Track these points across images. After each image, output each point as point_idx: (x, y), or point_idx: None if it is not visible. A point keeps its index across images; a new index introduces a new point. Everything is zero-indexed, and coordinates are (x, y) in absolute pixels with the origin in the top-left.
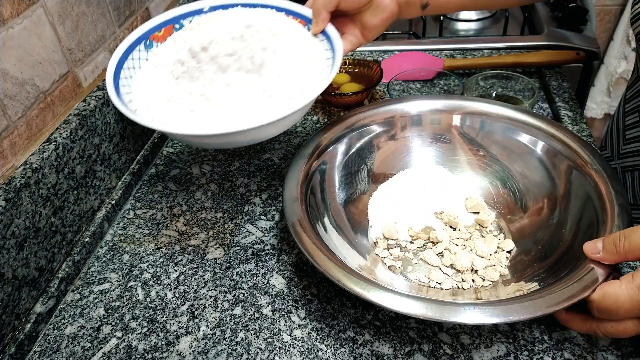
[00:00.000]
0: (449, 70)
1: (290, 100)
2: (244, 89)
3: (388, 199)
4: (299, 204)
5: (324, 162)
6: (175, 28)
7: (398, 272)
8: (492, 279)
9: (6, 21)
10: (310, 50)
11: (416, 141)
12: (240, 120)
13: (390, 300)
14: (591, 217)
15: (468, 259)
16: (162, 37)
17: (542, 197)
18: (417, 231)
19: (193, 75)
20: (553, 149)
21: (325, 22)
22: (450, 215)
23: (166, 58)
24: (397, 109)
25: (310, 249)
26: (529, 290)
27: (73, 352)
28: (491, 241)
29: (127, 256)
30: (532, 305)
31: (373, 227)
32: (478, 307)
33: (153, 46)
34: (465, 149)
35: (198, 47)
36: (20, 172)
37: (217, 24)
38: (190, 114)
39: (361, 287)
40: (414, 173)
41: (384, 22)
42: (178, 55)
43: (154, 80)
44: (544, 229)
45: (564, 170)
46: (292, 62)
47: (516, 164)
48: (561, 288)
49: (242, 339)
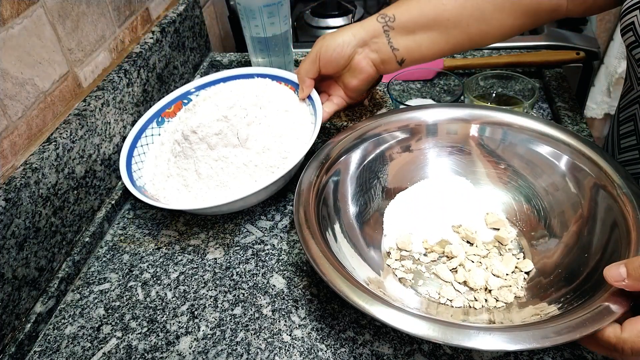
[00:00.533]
0: (449, 70)
1: (273, 169)
2: (231, 162)
3: (405, 209)
4: (310, 211)
5: (337, 172)
6: (184, 103)
7: (408, 286)
8: (505, 300)
9: (6, 21)
10: (296, 115)
11: (432, 152)
12: (228, 192)
13: (393, 317)
14: (616, 241)
15: (482, 278)
16: (173, 113)
17: (567, 217)
18: (432, 244)
19: (187, 153)
20: (577, 165)
21: (310, 88)
22: (469, 230)
23: (169, 137)
24: (413, 117)
25: (317, 257)
26: (547, 314)
27: (73, 352)
28: (509, 260)
29: (127, 256)
30: (542, 334)
31: (387, 236)
32: (483, 332)
33: (165, 122)
34: (484, 161)
35: (189, 130)
36: (20, 172)
37: (208, 106)
38: (185, 189)
39: (364, 301)
40: (432, 183)
41: (363, 82)
42: (176, 136)
43: (159, 157)
44: (566, 251)
45: (589, 188)
46: (276, 132)
47: (540, 179)
48: (580, 316)
49: (242, 339)
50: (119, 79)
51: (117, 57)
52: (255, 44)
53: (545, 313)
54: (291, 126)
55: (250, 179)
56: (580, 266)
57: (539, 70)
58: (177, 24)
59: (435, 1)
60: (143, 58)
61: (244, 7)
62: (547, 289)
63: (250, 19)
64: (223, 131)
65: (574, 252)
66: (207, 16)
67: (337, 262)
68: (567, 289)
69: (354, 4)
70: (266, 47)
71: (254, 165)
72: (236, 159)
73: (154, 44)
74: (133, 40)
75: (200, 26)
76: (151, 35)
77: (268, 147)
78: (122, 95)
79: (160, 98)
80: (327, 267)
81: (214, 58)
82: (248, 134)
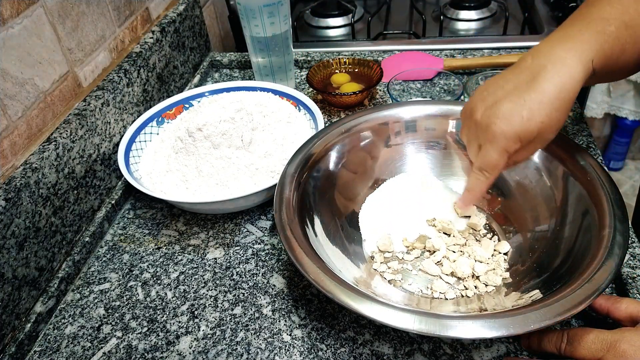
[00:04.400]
0: (449, 70)
1: (273, 173)
2: (233, 163)
3: (378, 210)
4: (291, 211)
5: (318, 169)
6: (185, 107)
7: (399, 286)
8: (495, 284)
9: (6, 21)
10: (298, 127)
11: (410, 148)
12: (227, 191)
13: (384, 313)
14: (589, 224)
15: (468, 265)
16: (173, 115)
17: (541, 209)
18: (412, 241)
19: (189, 150)
20: (549, 156)
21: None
22: (444, 222)
23: (170, 135)
24: (391, 114)
25: (300, 257)
26: (531, 298)
27: (73, 351)
28: (487, 244)
29: (127, 256)
30: (539, 315)
31: (367, 240)
32: (479, 320)
33: (164, 122)
34: (460, 155)
35: (194, 127)
36: (20, 172)
37: (214, 108)
38: (183, 184)
39: (353, 300)
40: (400, 181)
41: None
42: (179, 133)
43: (159, 153)
44: (541, 238)
45: (560, 176)
46: (278, 140)
47: (513, 172)
48: (568, 295)
49: (242, 339)
50: (119, 79)
51: (117, 56)
52: (255, 44)
53: (529, 296)
54: (293, 136)
55: (250, 181)
56: (556, 249)
57: None
58: (177, 23)
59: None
60: (143, 58)
61: (244, 7)
62: (527, 274)
63: (250, 19)
64: (228, 132)
65: (548, 238)
66: (207, 16)
67: (320, 262)
68: (543, 276)
69: (354, 3)
70: (266, 47)
71: (255, 169)
72: (238, 160)
73: (154, 43)
74: (133, 40)
75: (200, 26)
76: (151, 35)
77: (270, 152)
78: (122, 95)
79: (160, 98)
80: (312, 267)
81: (214, 58)
82: (252, 138)
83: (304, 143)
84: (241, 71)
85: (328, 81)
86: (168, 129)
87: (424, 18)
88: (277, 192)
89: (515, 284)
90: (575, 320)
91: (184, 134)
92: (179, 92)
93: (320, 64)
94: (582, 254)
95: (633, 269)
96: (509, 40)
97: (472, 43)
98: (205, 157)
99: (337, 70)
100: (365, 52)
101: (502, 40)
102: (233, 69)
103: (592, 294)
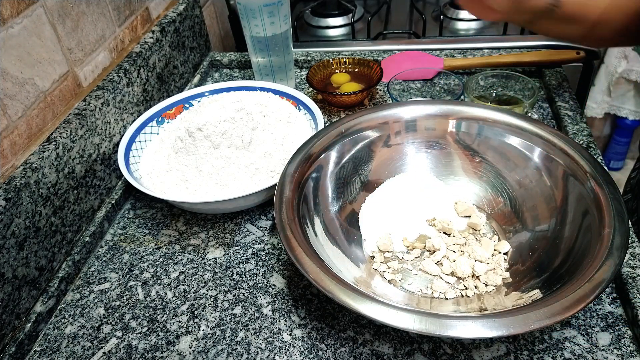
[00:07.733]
0: (449, 70)
1: (273, 173)
2: (233, 163)
3: (378, 210)
4: (291, 211)
5: (317, 168)
6: (185, 107)
7: (399, 286)
8: (495, 283)
9: (6, 21)
10: (298, 127)
11: (410, 148)
12: (227, 191)
13: (384, 312)
14: (589, 224)
15: (468, 265)
16: (173, 115)
17: (541, 208)
18: (412, 241)
19: (189, 150)
20: (549, 155)
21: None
22: (444, 222)
23: (170, 134)
24: (391, 114)
25: (300, 256)
26: (531, 298)
27: (73, 351)
28: (487, 244)
29: (127, 256)
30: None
31: (367, 240)
32: (479, 320)
33: (164, 122)
34: (461, 155)
35: (194, 127)
36: (20, 171)
37: (214, 108)
38: (183, 184)
39: (353, 300)
40: (400, 181)
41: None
42: (179, 133)
43: (159, 152)
44: (541, 238)
45: (560, 176)
46: (278, 139)
47: (513, 172)
48: (568, 295)
49: (242, 339)
50: (119, 79)
51: (117, 56)
52: (255, 44)
53: (529, 296)
54: (293, 136)
55: (250, 180)
56: (556, 249)
57: (539, 70)
58: (177, 23)
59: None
60: (143, 58)
61: (244, 7)
62: (527, 273)
63: (250, 19)
64: (228, 132)
65: (549, 238)
66: (207, 16)
67: (320, 261)
68: (543, 276)
69: (354, 3)
70: (266, 46)
71: (255, 168)
72: (238, 160)
73: (154, 43)
74: (133, 40)
75: (200, 26)
76: (151, 35)
77: (270, 152)
78: (122, 95)
79: (160, 97)
80: (312, 267)
81: (214, 57)
82: (252, 138)
83: (304, 143)
84: (241, 71)
85: (328, 81)
86: (168, 129)
87: (424, 18)
88: (277, 192)
89: (515, 284)
90: (575, 320)
91: (184, 133)
92: (179, 92)
93: (320, 63)
94: (582, 253)
95: (633, 269)
96: (509, 40)
97: (472, 43)
98: (205, 156)
99: (337, 70)
100: (365, 52)
101: (502, 40)
102: (233, 68)
103: (592, 293)
